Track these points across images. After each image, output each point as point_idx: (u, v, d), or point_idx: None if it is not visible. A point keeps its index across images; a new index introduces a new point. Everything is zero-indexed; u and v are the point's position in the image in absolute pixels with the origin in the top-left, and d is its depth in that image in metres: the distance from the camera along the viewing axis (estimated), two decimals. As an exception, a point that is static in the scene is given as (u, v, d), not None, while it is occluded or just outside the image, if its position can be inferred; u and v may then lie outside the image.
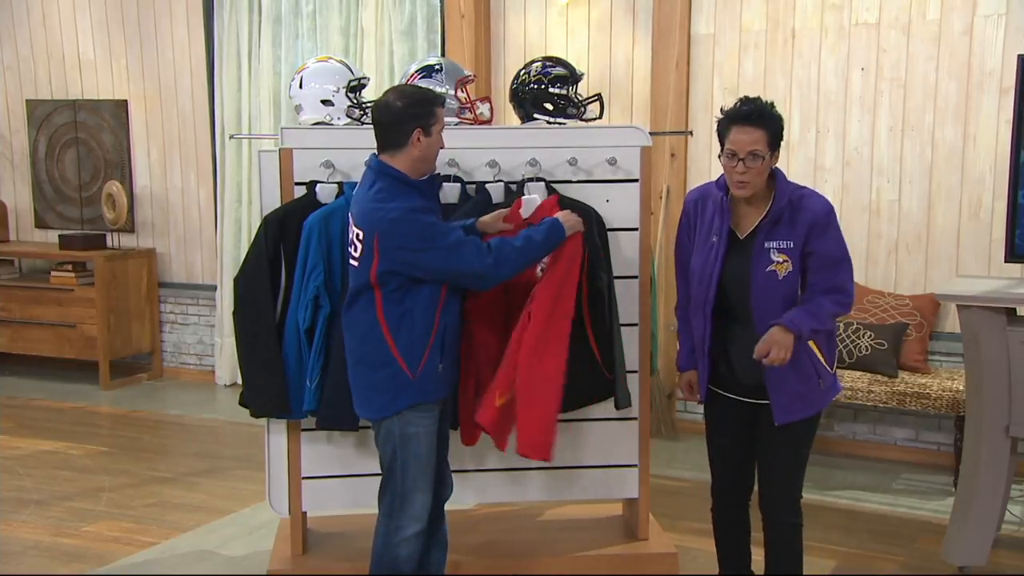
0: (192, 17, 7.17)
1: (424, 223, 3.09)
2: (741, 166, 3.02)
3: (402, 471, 3.23)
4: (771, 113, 3.07)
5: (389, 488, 3.27)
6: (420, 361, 3.16)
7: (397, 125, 3.13)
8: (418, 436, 3.21)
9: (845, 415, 5.61)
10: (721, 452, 3.37)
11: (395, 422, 3.20)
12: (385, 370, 3.17)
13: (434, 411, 3.26)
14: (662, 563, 3.92)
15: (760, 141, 3.01)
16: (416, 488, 3.25)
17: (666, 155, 5.78)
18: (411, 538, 3.27)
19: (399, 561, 3.27)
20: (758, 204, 3.14)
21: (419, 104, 3.15)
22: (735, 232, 3.16)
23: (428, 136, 3.15)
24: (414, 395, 3.18)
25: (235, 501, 4.89)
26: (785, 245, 3.06)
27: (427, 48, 6.42)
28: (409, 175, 3.15)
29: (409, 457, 3.22)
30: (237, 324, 3.75)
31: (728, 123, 3.08)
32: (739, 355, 3.18)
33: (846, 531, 4.50)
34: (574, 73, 3.99)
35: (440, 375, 3.22)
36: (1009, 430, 3.84)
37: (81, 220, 7.69)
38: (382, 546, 3.29)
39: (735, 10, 5.70)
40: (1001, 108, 5.13)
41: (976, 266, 5.23)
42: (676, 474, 5.00)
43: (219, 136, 7.04)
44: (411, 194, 3.14)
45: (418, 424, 3.21)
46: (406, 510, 3.25)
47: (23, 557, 4.28)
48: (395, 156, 3.16)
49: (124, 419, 6.48)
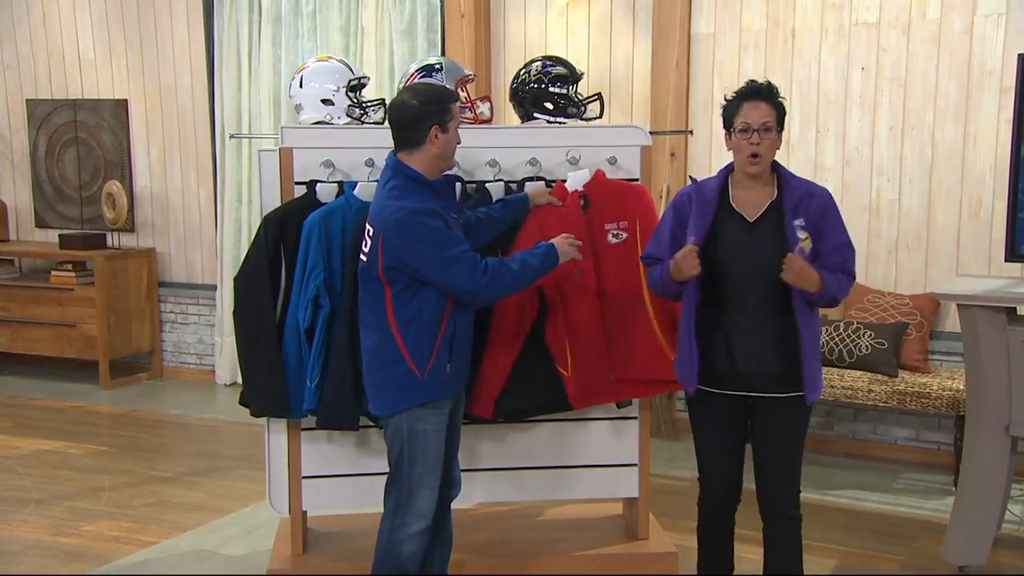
0: (192, 16, 7.17)
1: (429, 228, 3.08)
2: (756, 137, 3.09)
3: (409, 467, 3.23)
4: (777, 93, 3.17)
5: (396, 484, 3.27)
6: (428, 361, 3.16)
7: (415, 124, 3.15)
8: (426, 433, 3.22)
9: (845, 414, 5.61)
10: (716, 454, 3.30)
11: (404, 419, 3.21)
12: (395, 368, 3.18)
13: (443, 409, 3.26)
14: (662, 563, 3.92)
15: (771, 116, 3.11)
16: (423, 485, 3.25)
17: (666, 154, 5.78)
18: (415, 535, 3.27)
19: (402, 558, 3.27)
20: (764, 188, 3.18)
21: (435, 101, 3.16)
22: (742, 215, 3.17)
23: (446, 132, 3.16)
24: (422, 394, 3.18)
25: (235, 501, 4.89)
26: (803, 223, 3.12)
27: (427, 47, 6.43)
28: (426, 174, 3.16)
29: (417, 454, 3.22)
30: (237, 324, 3.75)
31: (739, 101, 3.14)
32: (743, 343, 3.14)
33: (846, 530, 4.50)
34: (574, 72, 4.00)
35: (449, 376, 3.22)
36: (1009, 429, 3.84)
37: (81, 220, 7.69)
38: (386, 542, 3.28)
39: (735, 9, 5.70)
40: (1001, 107, 5.13)
41: (976, 265, 5.23)
42: (676, 474, 5.01)
43: (219, 135, 7.04)
44: (425, 194, 3.14)
45: (426, 421, 3.21)
46: (411, 507, 3.25)
47: (23, 556, 4.28)
48: (413, 155, 3.17)
49: (124, 419, 6.48)
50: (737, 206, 3.18)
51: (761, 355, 3.13)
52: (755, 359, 3.13)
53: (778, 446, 3.21)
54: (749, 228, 3.15)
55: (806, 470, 3.33)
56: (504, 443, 3.97)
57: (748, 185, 3.19)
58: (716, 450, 3.30)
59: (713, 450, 3.30)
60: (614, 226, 3.74)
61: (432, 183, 3.18)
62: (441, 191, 3.22)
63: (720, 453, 3.29)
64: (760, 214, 3.16)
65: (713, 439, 3.30)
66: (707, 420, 3.29)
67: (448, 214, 3.20)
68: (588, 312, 3.71)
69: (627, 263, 3.73)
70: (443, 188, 3.24)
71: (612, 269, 3.73)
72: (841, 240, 3.18)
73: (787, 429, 3.21)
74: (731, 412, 3.23)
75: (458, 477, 3.51)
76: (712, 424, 3.28)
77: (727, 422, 3.25)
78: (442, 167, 3.24)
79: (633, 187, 3.81)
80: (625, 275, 3.74)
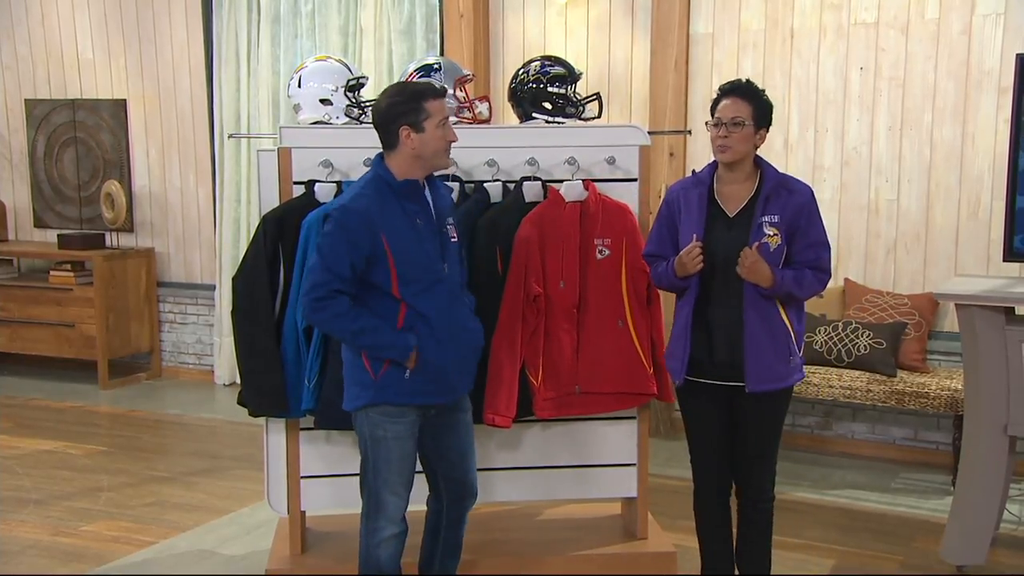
0: (191, 16, 7.17)
1: (330, 227, 3.04)
2: (724, 130, 3.23)
3: (374, 473, 3.19)
4: (758, 91, 3.28)
5: (364, 488, 3.24)
6: (382, 364, 3.11)
7: (384, 125, 3.10)
8: (386, 440, 3.15)
9: (844, 414, 5.61)
10: (705, 443, 3.40)
11: (364, 422, 3.17)
12: (354, 364, 3.16)
13: (406, 417, 3.16)
14: (661, 562, 3.92)
15: (744, 111, 3.22)
16: (388, 490, 3.19)
17: (665, 154, 5.78)
18: (389, 539, 3.24)
19: (382, 562, 3.25)
20: (745, 183, 3.28)
21: (404, 102, 3.07)
22: (724, 210, 3.28)
23: (420, 132, 3.07)
24: (373, 395, 3.13)
25: (234, 500, 4.89)
26: (776, 220, 3.21)
27: (426, 47, 6.42)
28: (397, 175, 3.10)
29: (379, 460, 3.17)
30: (236, 323, 3.75)
31: (719, 97, 3.30)
32: (719, 333, 3.26)
33: (844, 530, 4.51)
34: (573, 72, 4.00)
35: (407, 382, 3.11)
36: (1007, 429, 3.84)
37: (80, 220, 7.69)
38: (365, 547, 3.27)
39: (734, 9, 5.70)
40: (1000, 107, 5.13)
41: (975, 265, 5.23)
42: (675, 473, 5.00)
43: (218, 135, 7.04)
44: (384, 193, 3.09)
45: (385, 428, 3.14)
46: (381, 512, 3.21)
47: (22, 556, 4.28)
48: (391, 156, 3.13)
49: (123, 419, 6.48)
50: (720, 201, 3.30)
51: (737, 346, 3.23)
52: (731, 349, 3.24)
53: (753, 434, 3.33)
54: (729, 223, 3.27)
55: (805, 469, 3.35)
56: (503, 443, 3.97)
57: (729, 180, 3.30)
58: (703, 438, 3.41)
59: (701, 438, 3.42)
60: (601, 241, 3.77)
61: (396, 184, 3.10)
62: (405, 193, 3.11)
63: (708, 441, 3.40)
64: (740, 209, 3.27)
65: (699, 427, 3.41)
66: (692, 409, 3.42)
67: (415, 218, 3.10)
68: (565, 324, 3.75)
69: (611, 279, 3.77)
70: (408, 190, 3.11)
71: (596, 283, 3.76)
72: (817, 238, 3.28)
73: (761, 418, 3.31)
74: (715, 401, 3.33)
75: (473, 487, 3.42)
76: (697, 413, 3.40)
77: (711, 410, 3.35)
78: (427, 167, 3.14)
79: (619, 205, 3.82)
80: (607, 290, 3.77)
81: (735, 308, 3.22)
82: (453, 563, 3.49)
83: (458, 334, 3.19)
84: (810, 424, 5.69)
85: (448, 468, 3.36)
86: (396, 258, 3.06)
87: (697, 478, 3.47)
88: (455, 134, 3.18)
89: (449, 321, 3.16)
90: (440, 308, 3.14)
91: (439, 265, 3.15)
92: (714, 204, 3.29)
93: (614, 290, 3.78)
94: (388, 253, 3.05)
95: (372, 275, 3.07)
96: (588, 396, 3.77)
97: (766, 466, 3.37)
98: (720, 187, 3.31)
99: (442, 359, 3.15)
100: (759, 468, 3.36)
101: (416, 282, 3.10)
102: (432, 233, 3.16)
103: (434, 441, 3.31)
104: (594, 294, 3.75)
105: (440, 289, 3.14)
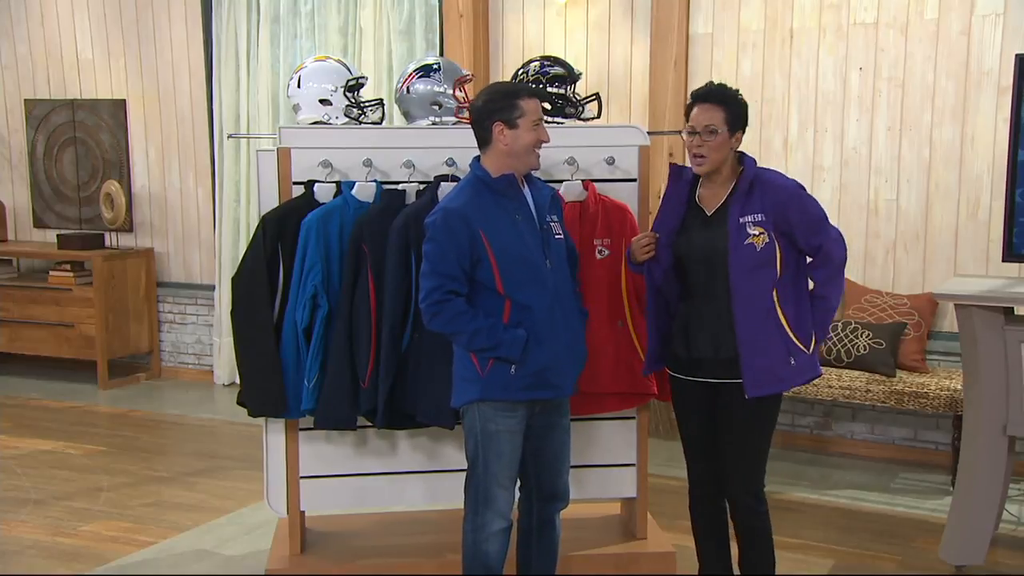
0: (190, 17, 7.17)
1: (435, 226, 3.10)
2: (698, 139, 3.19)
3: (484, 467, 3.22)
4: (731, 95, 3.23)
5: (472, 483, 3.26)
6: (488, 360, 3.14)
7: (480, 122, 3.16)
8: (499, 435, 3.18)
9: (843, 414, 5.62)
10: (692, 438, 3.40)
11: (475, 417, 3.19)
12: (462, 361, 3.20)
13: (516, 412, 3.20)
14: (660, 562, 3.92)
15: (716, 118, 3.17)
16: (497, 484, 3.22)
17: (664, 155, 5.77)
18: (497, 533, 3.26)
19: (490, 557, 3.27)
20: (725, 184, 3.27)
21: (499, 99, 3.15)
22: (703, 209, 3.28)
23: (513, 129, 3.13)
24: (481, 390, 3.15)
25: (233, 501, 4.89)
26: (760, 218, 3.17)
27: (425, 47, 6.42)
28: (492, 172, 3.15)
29: (490, 454, 3.20)
30: (235, 324, 3.75)
31: (691, 103, 3.26)
32: (698, 331, 3.25)
33: (844, 530, 4.51)
34: (572, 72, 4.00)
35: (512, 378, 3.14)
36: (1006, 429, 3.84)
37: (79, 220, 7.69)
38: (472, 543, 3.27)
39: (733, 10, 5.70)
40: (999, 107, 5.13)
41: (974, 265, 5.24)
42: (674, 473, 5.00)
43: (217, 136, 7.04)
44: (481, 192, 3.14)
45: (498, 422, 3.18)
46: (490, 506, 3.23)
47: (21, 557, 4.28)
48: (486, 154, 3.19)
49: (122, 419, 6.48)
50: (700, 200, 3.30)
51: (714, 343, 3.22)
52: (710, 346, 3.24)
53: (732, 433, 3.27)
54: (707, 221, 3.26)
55: (804, 469, 3.34)
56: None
57: (710, 183, 3.30)
58: (692, 435, 3.41)
59: (689, 434, 3.42)
60: (600, 242, 3.77)
61: (492, 181, 3.15)
62: (501, 189, 3.16)
63: (697, 438, 3.39)
64: (717, 207, 3.26)
65: (686, 423, 3.42)
66: (679, 405, 3.43)
67: (514, 214, 3.15)
68: None
69: (609, 279, 3.77)
70: (504, 186, 3.16)
71: (596, 284, 3.75)
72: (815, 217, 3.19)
73: (742, 416, 3.24)
74: (699, 397, 3.32)
75: (563, 490, 3.41)
76: (683, 409, 3.41)
77: (697, 406, 3.34)
78: (515, 165, 3.17)
79: (619, 205, 3.82)
80: (607, 290, 3.77)
81: (718, 304, 3.20)
82: (551, 561, 3.48)
83: (559, 333, 3.20)
84: (809, 424, 5.70)
85: (541, 469, 3.36)
86: (497, 255, 3.10)
87: (692, 473, 3.47)
88: (548, 135, 3.21)
89: (551, 318, 3.17)
90: (543, 305, 3.15)
91: (541, 261, 3.17)
92: (694, 204, 3.30)
93: (614, 290, 3.78)
94: (488, 250, 3.10)
95: (477, 272, 3.13)
96: (588, 396, 3.76)
97: (747, 468, 3.28)
98: (702, 190, 3.31)
99: (543, 355, 3.16)
100: (738, 470, 3.28)
101: (519, 278, 3.13)
102: (533, 230, 3.19)
103: (532, 441, 3.32)
104: (594, 294, 3.75)
105: (543, 285, 3.16)
